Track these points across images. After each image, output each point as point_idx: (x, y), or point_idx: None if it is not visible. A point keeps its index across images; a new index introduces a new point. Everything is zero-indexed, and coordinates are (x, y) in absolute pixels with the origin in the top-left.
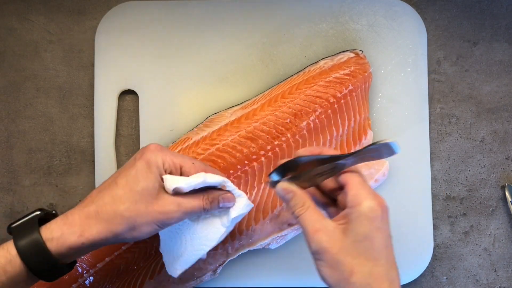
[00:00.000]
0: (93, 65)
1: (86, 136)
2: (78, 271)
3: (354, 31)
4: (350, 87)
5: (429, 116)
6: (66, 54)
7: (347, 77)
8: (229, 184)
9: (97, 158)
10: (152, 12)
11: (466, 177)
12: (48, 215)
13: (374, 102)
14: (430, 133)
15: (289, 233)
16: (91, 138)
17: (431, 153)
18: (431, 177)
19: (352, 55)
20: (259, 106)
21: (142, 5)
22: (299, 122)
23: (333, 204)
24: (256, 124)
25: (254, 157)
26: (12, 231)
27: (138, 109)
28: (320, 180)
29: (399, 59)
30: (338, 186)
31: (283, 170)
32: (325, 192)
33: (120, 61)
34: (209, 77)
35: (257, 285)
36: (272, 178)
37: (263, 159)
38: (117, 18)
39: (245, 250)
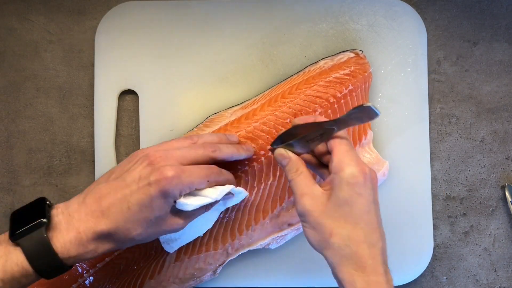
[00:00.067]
0: (93, 65)
1: (86, 136)
2: (78, 271)
3: (354, 31)
4: (350, 87)
5: (429, 116)
6: (66, 54)
7: (347, 77)
8: (232, 189)
9: (97, 158)
10: (152, 12)
11: (466, 177)
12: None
13: (374, 102)
14: (430, 133)
15: (289, 233)
16: (91, 138)
17: (431, 153)
18: (431, 177)
19: (352, 55)
20: (259, 106)
21: (142, 5)
22: None
23: (327, 170)
24: (256, 124)
25: (254, 157)
26: (17, 237)
27: (138, 109)
28: (313, 146)
29: (399, 59)
30: (329, 152)
31: (283, 139)
32: (320, 159)
33: (120, 61)
34: (209, 77)
35: (257, 285)
36: (273, 146)
37: (263, 159)
38: (117, 18)
39: (245, 250)
